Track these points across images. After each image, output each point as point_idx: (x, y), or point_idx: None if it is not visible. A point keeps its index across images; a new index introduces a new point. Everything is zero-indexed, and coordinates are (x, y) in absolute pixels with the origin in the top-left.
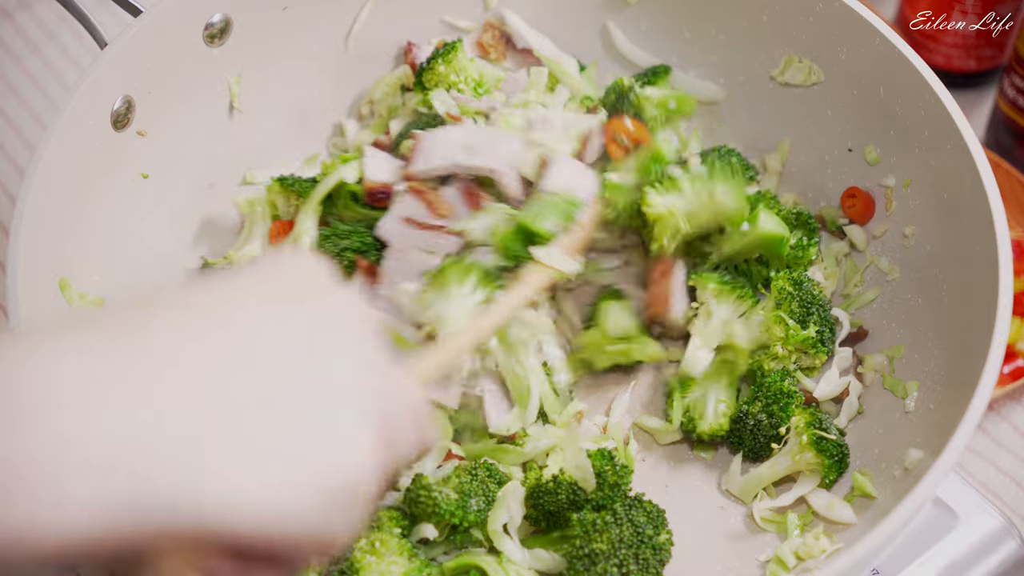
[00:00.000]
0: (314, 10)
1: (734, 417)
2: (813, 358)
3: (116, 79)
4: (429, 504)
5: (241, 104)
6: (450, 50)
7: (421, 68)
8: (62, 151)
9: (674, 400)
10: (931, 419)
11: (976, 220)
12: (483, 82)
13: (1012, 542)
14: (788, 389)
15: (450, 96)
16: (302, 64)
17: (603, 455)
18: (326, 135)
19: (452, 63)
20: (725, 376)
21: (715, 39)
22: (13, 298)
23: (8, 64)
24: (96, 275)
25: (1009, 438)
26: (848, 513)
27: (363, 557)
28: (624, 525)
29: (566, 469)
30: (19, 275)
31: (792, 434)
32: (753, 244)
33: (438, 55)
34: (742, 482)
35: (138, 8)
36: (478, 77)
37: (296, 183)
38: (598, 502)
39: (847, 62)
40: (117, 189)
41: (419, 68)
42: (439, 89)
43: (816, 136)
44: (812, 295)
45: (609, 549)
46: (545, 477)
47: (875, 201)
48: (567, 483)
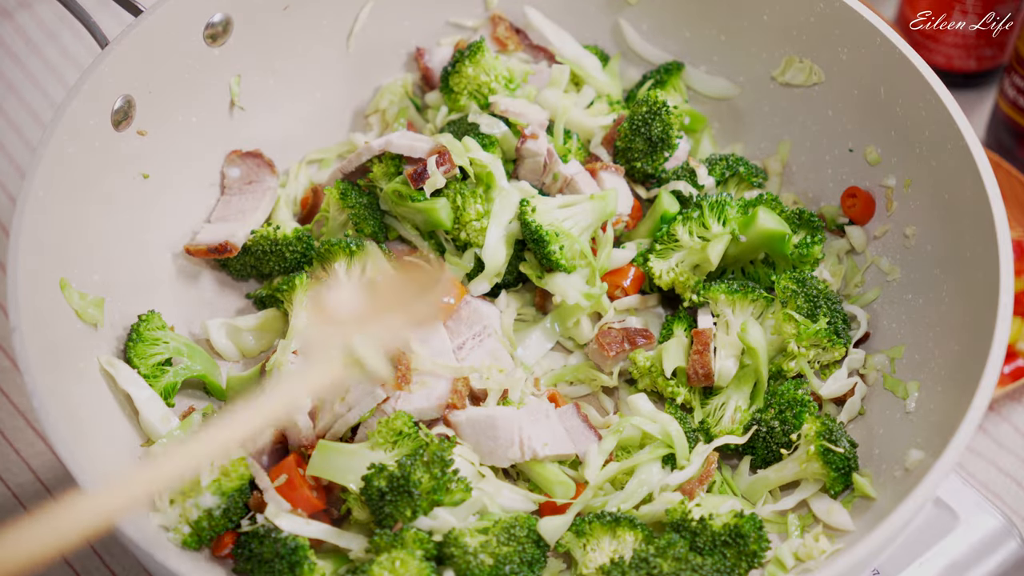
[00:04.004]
0: (315, 10)
1: (747, 424)
2: (831, 351)
3: (116, 79)
4: (462, 565)
5: (241, 104)
6: (475, 51)
7: (446, 72)
8: (62, 151)
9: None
10: (932, 419)
11: (976, 220)
12: (513, 78)
13: (1012, 542)
14: (802, 397)
15: (493, 116)
16: (303, 64)
17: (753, 521)
18: (326, 134)
19: (480, 63)
20: (746, 383)
21: (716, 39)
22: (13, 298)
23: (8, 64)
24: (96, 275)
25: (1009, 438)
26: (846, 519)
27: (380, 573)
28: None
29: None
30: (19, 275)
31: (802, 442)
32: (754, 244)
33: (464, 57)
34: (749, 482)
35: (138, 8)
36: (508, 74)
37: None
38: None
39: (848, 62)
40: (117, 189)
41: (444, 72)
42: (483, 114)
43: (817, 136)
44: (817, 289)
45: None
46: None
47: (875, 201)
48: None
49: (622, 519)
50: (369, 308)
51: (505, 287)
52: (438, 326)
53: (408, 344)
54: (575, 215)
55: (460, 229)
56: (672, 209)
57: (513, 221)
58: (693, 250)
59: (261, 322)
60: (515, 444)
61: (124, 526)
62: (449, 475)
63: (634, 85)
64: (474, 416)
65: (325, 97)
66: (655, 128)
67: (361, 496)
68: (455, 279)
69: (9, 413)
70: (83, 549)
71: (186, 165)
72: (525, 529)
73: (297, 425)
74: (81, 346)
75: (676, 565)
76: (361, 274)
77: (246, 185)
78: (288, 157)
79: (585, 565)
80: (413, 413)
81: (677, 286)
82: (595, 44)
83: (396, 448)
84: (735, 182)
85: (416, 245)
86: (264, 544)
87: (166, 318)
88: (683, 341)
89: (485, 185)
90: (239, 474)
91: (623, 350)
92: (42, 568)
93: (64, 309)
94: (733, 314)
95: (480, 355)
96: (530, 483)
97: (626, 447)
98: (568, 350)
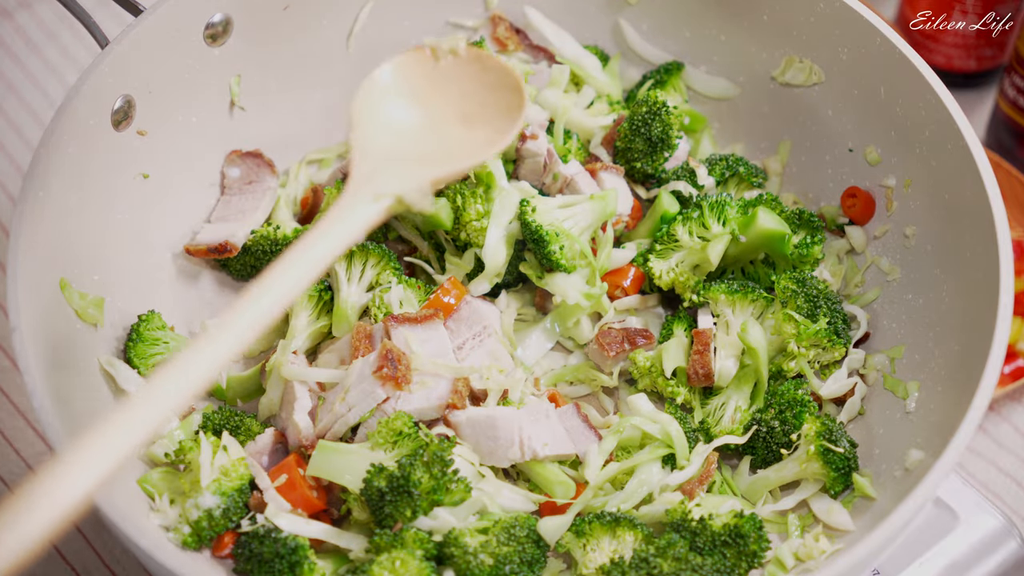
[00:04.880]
0: (315, 10)
1: (747, 424)
2: (831, 351)
3: (116, 79)
4: (462, 565)
5: (241, 104)
6: None
7: None
8: (62, 151)
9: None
10: (932, 419)
11: (976, 220)
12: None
13: (1012, 542)
14: (802, 397)
15: None
16: (303, 64)
17: (753, 521)
18: (326, 134)
19: None
20: (746, 383)
21: (716, 39)
22: (13, 298)
23: (8, 64)
24: (96, 275)
25: (1009, 438)
26: (846, 519)
27: (380, 573)
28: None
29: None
30: (19, 275)
31: (802, 441)
32: (754, 244)
33: None
34: (749, 482)
35: (138, 8)
36: None
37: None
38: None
39: (848, 62)
40: (117, 189)
41: None
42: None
43: (817, 136)
44: (817, 289)
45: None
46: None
47: (875, 201)
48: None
49: (622, 519)
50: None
51: (505, 287)
52: (438, 325)
53: (409, 344)
54: (575, 215)
55: (460, 229)
56: (672, 209)
57: (513, 221)
58: (693, 250)
59: None
60: (515, 444)
61: (126, 527)
62: (449, 475)
63: (634, 85)
64: (474, 416)
65: (325, 97)
66: (655, 128)
67: (361, 496)
68: (455, 278)
69: (9, 413)
70: (83, 550)
71: (186, 165)
72: (525, 529)
73: (297, 425)
74: (81, 346)
75: (676, 565)
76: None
77: (246, 185)
78: (288, 157)
79: (585, 565)
80: (413, 413)
81: (677, 286)
82: (595, 44)
83: (396, 448)
84: (735, 182)
85: (416, 245)
86: (264, 544)
87: (166, 318)
88: (683, 341)
89: (485, 185)
90: (239, 474)
91: (623, 350)
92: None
93: (64, 309)
94: (733, 314)
95: (480, 355)
96: (530, 483)
97: (626, 447)
98: (568, 350)
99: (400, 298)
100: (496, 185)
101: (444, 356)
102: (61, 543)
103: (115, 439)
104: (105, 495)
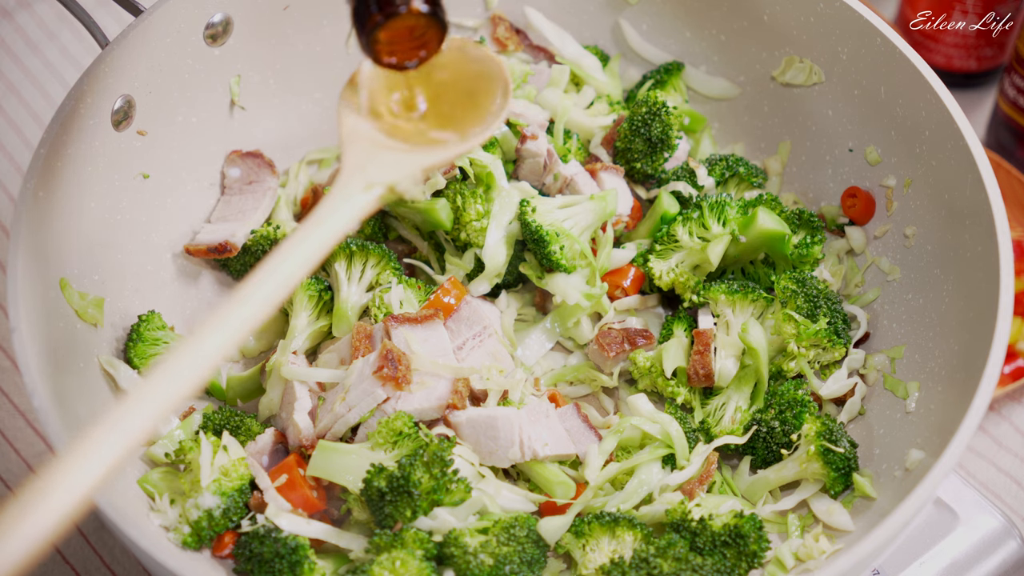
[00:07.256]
0: (315, 10)
1: (747, 424)
2: (831, 352)
3: (116, 79)
4: (462, 565)
5: (241, 104)
6: None
7: None
8: (62, 151)
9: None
10: (932, 419)
11: (976, 220)
12: (513, 78)
13: (1012, 542)
14: (802, 397)
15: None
16: (303, 64)
17: (753, 521)
18: (326, 134)
19: None
20: (746, 384)
21: (716, 39)
22: (13, 298)
23: (8, 64)
24: (96, 275)
25: (1009, 438)
26: (846, 519)
27: (380, 573)
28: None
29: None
30: (19, 275)
31: (802, 442)
32: (754, 244)
33: None
34: (749, 482)
35: (138, 8)
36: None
37: None
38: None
39: (848, 62)
40: (117, 189)
41: None
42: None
43: (817, 136)
44: (817, 289)
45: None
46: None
47: (875, 201)
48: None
49: (622, 519)
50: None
51: (505, 287)
52: (438, 325)
53: (409, 344)
54: (575, 215)
55: (460, 229)
56: (672, 210)
57: (513, 221)
58: (693, 250)
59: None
60: (515, 444)
61: (126, 527)
62: (449, 475)
63: (634, 85)
64: (474, 416)
65: (325, 97)
66: (655, 128)
67: (361, 496)
68: (455, 278)
69: (9, 413)
70: (83, 550)
71: (186, 165)
72: (525, 529)
73: (297, 425)
74: (81, 346)
75: (676, 565)
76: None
77: (246, 185)
78: (288, 157)
79: (585, 565)
80: (413, 413)
81: (677, 286)
82: (595, 44)
83: (396, 448)
84: (735, 182)
85: (416, 245)
86: (264, 544)
87: (166, 318)
88: (683, 341)
89: (485, 185)
90: (239, 474)
91: (623, 350)
92: (40, 562)
93: (64, 309)
94: (733, 314)
95: (480, 355)
96: (530, 483)
97: (626, 447)
98: (568, 350)
99: (400, 298)
100: (496, 185)
101: (444, 356)
102: (61, 543)
103: (115, 438)
104: (105, 495)
